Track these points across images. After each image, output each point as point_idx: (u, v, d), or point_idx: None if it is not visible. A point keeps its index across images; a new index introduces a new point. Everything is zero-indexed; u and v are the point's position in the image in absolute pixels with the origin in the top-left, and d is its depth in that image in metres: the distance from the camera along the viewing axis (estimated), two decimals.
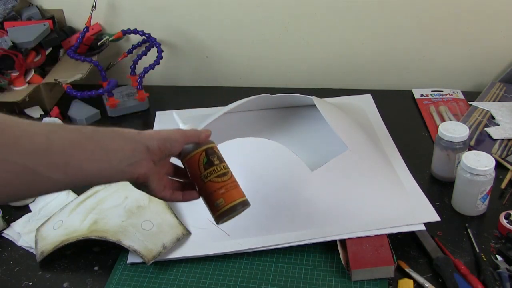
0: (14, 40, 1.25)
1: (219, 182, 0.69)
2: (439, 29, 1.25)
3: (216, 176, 0.69)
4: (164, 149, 0.66)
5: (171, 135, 0.67)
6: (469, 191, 0.88)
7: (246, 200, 0.71)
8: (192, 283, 0.82)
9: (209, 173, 0.69)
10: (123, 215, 0.87)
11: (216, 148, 0.72)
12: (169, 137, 0.67)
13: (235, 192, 0.70)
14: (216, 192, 0.69)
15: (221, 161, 0.71)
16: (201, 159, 0.70)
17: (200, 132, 0.71)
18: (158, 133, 0.66)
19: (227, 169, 0.71)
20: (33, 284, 0.84)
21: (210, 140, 0.73)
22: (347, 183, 0.90)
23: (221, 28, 1.32)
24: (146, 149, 0.63)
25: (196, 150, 0.70)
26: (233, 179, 0.71)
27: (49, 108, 1.27)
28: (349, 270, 0.80)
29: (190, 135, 0.70)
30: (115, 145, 0.61)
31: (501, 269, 0.79)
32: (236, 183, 0.71)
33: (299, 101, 1.14)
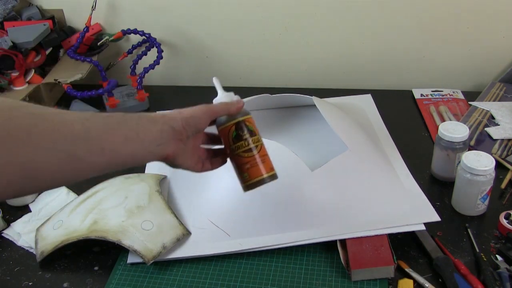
0: (14, 40, 1.25)
1: (245, 157, 0.71)
2: (439, 29, 1.25)
3: (243, 151, 0.71)
4: (189, 127, 0.68)
5: (194, 113, 0.69)
6: (469, 191, 0.88)
7: (270, 175, 0.72)
8: (192, 283, 0.82)
9: (237, 147, 0.71)
10: (123, 215, 0.87)
11: (249, 120, 0.73)
12: (192, 115, 0.69)
13: (261, 168, 0.71)
14: (242, 167, 0.71)
15: (251, 134, 0.72)
16: (230, 132, 0.71)
17: (230, 104, 0.72)
18: (181, 113, 0.68)
19: (256, 143, 0.72)
20: (33, 284, 0.84)
21: (245, 111, 0.73)
22: (347, 183, 0.90)
23: (221, 28, 1.32)
24: (172, 130, 0.66)
25: (226, 123, 0.72)
26: (261, 153, 0.72)
27: None
28: (349, 270, 0.80)
29: (217, 110, 0.71)
30: (143, 129, 0.64)
31: (501, 269, 0.79)
32: (263, 158, 0.72)
33: (299, 101, 1.14)
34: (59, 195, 1.01)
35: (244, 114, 0.73)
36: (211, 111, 0.71)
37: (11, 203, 1.00)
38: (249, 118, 0.73)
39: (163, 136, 0.65)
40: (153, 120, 0.66)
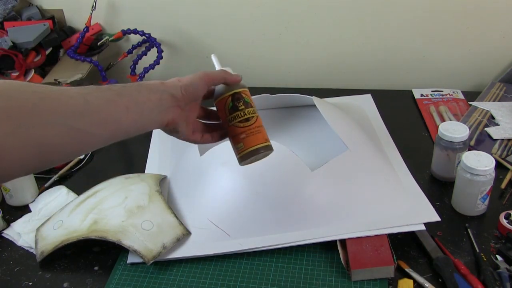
0: (14, 40, 1.25)
1: (241, 127, 0.71)
2: (439, 29, 1.25)
3: (238, 121, 0.71)
4: (188, 94, 0.69)
5: (193, 80, 0.70)
6: (469, 191, 0.88)
7: (265, 146, 0.72)
8: (192, 283, 0.82)
9: (233, 117, 0.72)
10: (123, 215, 0.87)
11: (245, 93, 0.73)
12: (191, 82, 0.70)
13: (255, 137, 0.72)
14: (238, 137, 0.72)
15: (246, 106, 0.72)
16: (227, 103, 0.72)
17: (227, 73, 0.73)
18: (180, 80, 0.70)
19: (251, 114, 0.72)
20: (33, 284, 0.84)
21: (242, 84, 0.74)
22: (347, 183, 0.90)
23: (221, 28, 1.32)
24: (171, 97, 0.68)
25: (223, 94, 0.72)
26: (256, 124, 0.72)
27: None
28: (349, 270, 0.80)
29: (215, 77, 0.72)
30: (143, 98, 0.65)
31: (501, 269, 0.79)
32: (258, 129, 0.72)
33: (299, 101, 1.14)
34: (59, 195, 1.01)
35: (241, 86, 0.74)
36: (209, 77, 0.71)
37: (11, 203, 1.00)
38: (245, 91, 0.74)
39: (162, 103, 0.67)
40: (152, 88, 0.67)
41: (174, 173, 1.02)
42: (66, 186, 1.03)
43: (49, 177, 1.05)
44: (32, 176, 1.00)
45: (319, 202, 0.87)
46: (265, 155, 0.73)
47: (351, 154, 0.92)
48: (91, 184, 0.98)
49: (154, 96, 0.66)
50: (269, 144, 0.73)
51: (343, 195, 0.88)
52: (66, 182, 1.05)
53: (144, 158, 1.09)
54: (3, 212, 0.96)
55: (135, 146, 1.16)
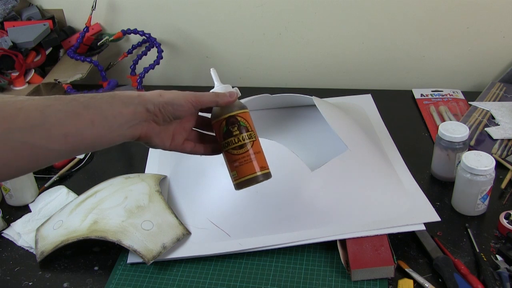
0: (14, 40, 1.25)
1: (234, 154, 0.68)
2: (439, 29, 1.25)
3: (232, 147, 0.68)
4: (166, 112, 0.65)
5: (175, 99, 0.66)
6: (469, 191, 0.88)
7: (259, 175, 0.68)
8: (192, 283, 0.82)
9: (227, 143, 0.68)
10: (123, 215, 0.87)
11: (242, 115, 0.69)
12: (172, 101, 0.65)
13: (249, 166, 0.68)
14: (231, 164, 0.69)
15: (241, 131, 0.68)
16: (221, 127, 0.69)
17: (220, 96, 0.69)
18: (161, 95, 0.65)
19: (246, 140, 0.68)
20: (33, 284, 0.84)
21: (240, 104, 0.70)
22: (347, 183, 0.90)
23: (221, 28, 1.32)
24: (146, 111, 0.64)
25: (218, 118, 0.69)
26: (252, 151, 0.68)
27: None
28: (349, 270, 0.80)
29: (204, 100, 0.68)
30: (114, 111, 0.61)
31: (501, 269, 0.79)
32: (253, 156, 0.68)
33: (299, 101, 1.14)
34: (59, 195, 1.01)
35: (239, 108, 0.69)
36: (197, 101, 0.67)
37: (11, 203, 1.00)
38: (243, 113, 0.69)
39: (136, 117, 0.63)
40: (127, 101, 0.63)
41: (174, 173, 1.02)
42: (66, 186, 1.03)
43: (49, 177, 1.05)
44: (32, 176, 1.00)
45: (319, 202, 0.87)
46: (261, 181, 0.70)
47: (351, 154, 0.92)
48: (91, 184, 0.98)
49: (127, 109, 0.62)
50: (266, 172, 0.69)
51: (343, 195, 0.88)
52: (66, 182, 1.05)
53: (144, 158, 1.09)
54: (3, 212, 0.96)
55: (135, 146, 1.16)
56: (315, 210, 0.87)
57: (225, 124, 0.68)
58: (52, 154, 0.58)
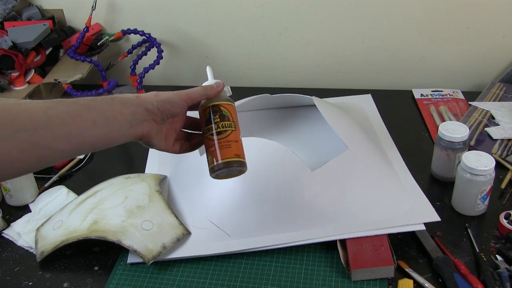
0: (14, 40, 1.25)
1: (211, 139, 0.70)
2: (439, 29, 1.25)
3: (210, 134, 0.70)
4: (164, 110, 0.69)
5: (170, 97, 0.70)
6: (469, 191, 0.88)
7: (233, 161, 0.69)
8: (192, 283, 0.82)
9: (207, 129, 0.71)
10: (123, 215, 0.87)
11: (226, 106, 0.72)
12: (169, 99, 0.69)
13: (224, 151, 0.69)
14: (208, 149, 0.71)
15: (222, 119, 0.70)
16: (205, 114, 0.72)
17: (208, 88, 0.73)
18: (158, 95, 0.69)
19: (225, 128, 0.70)
20: (33, 284, 0.84)
21: (226, 98, 0.73)
22: (347, 183, 0.90)
23: (221, 28, 1.33)
24: (146, 111, 0.67)
25: (203, 106, 0.72)
26: (229, 138, 0.70)
27: None
28: (349, 270, 0.80)
29: (195, 95, 0.72)
30: (114, 112, 0.64)
31: (501, 269, 0.79)
32: (229, 143, 0.70)
33: (299, 101, 1.14)
34: (59, 195, 1.01)
35: (224, 100, 0.72)
36: (189, 97, 0.71)
37: (11, 203, 1.00)
38: (226, 104, 0.72)
39: (136, 117, 0.66)
40: (126, 102, 0.66)
41: (174, 173, 1.02)
42: (66, 186, 1.03)
43: (49, 177, 1.05)
44: (32, 176, 1.00)
45: (319, 202, 0.87)
46: (236, 171, 0.71)
47: (351, 154, 0.92)
48: (91, 184, 0.98)
49: (126, 110, 0.65)
50: (239, 160, 0.70)
51: (343, 195, 0.88)
52: (66, 182, 1.05)
53: (144, 158, 1.09)
54: (3, 212, 0.96)
55: (135, 146, 1.15)
56: (315, 210, 0.87)
57: (208, 112, 0.71)
58: (56, 154, 0.60)
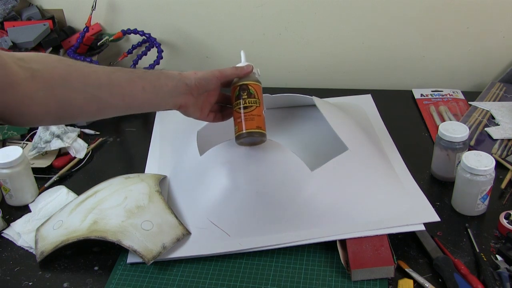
0: (14, 40, 1.25)
1: (239, 112, 0.85)
2: (439, 29, 1.25)
3: (238, 107, 0.84)
4: (200, 86, 0.84)
5: (206, 75, 0.85)
6: (469, 191, 0.88)
7: (255, 131, 0.84)
8: (192, 283, 0.82)
9: (236, 104, 0.85)
10: (123, 215, 0.87)
11: (253, 85, 0.86)
12: (205, 77, 0.84)
13: (248, 123, 0.83)
14: (236, 120, 0.85)
15: (249, 96, 0.84)
16: (235, 91, 0.86)
17: (239, 69, 0.88)
18: (196, 73, 0.84)
19: (251, 104, 0.84)
20: (33, 284, 0.84)
21: (255, 78, 0.88)
22: (347, 183, 0.90)
23: (221, 28, 1.32)
24: (185, 85, 0.82)
25: (234, 84, 0.87)
26: (253, 112, 0.84)
27: None
28: (349, 270, 0.80)
29: (227, 74, 0.87)
30: (160, 82, 0.81)
31: (501, 269, 0.79)
32: (252, 117, 0.84)
33: (299, 101, 1.14)
34: (59, 195, 1.01)
35: (252, 80, 0.87)
36: (222, 75, 0.86)
37: (11, 203, 1.00)
38: (254, 84, 0.86)
39: (177, 90, 0.81)
40: (170, 76, 0.82)
41: (174, 173, 1.02)
42: (66, 186, 1.03)
43: (49, 177, 1.05)
44: (32, 176, 1.00)
45: (319, 202, 0.87)
46: (257, 140, 0.85)
47: (351, 154, 0.92)
48: (91, 184, 0.98)
49: (171, 82, 0.81)
50: (260, 131, 0.84)
51: (343, 195, 0.88)
52: (66, 182, 1.05)
53: (144, 158, 1.09)
54: (3, 212, 0.96)
55: (135, 146, 1.16)
56: (315, 210, 0.87)
57: (238, 89, 0.86)
58: (112, 108, 0.78)
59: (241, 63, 0.91)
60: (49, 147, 1.09)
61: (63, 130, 1.12)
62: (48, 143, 1.10)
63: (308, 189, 0.88)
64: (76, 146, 1.12)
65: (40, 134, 1.11)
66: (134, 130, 1.21)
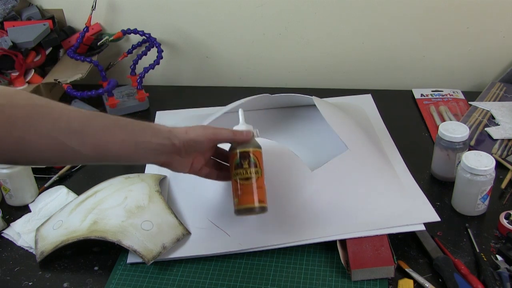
0: (14, 40, 1.25)
1: (240, 184, 0.78)
2: (439, 29, 1.25)
3: (239, 178, 0.78)
4: (189, 148, 0.76)
5: (197, 137, 0.76)
6: (469, 191, 0.88)
7: (255, 207, 0.77)
8: (192, 283, 0.82)
9: (236, 173, 0.78)
10: (123, 215, 0.87)
11: (254, 153, 0.79)
12: (195, 139, 0.76)
13: (249, 197, 0.77)
14: (236, 192, 0.78)
15: (250, 166, 0.77)
16: (235, 158, 0.78)
17: (236, 133, 0.80)
18: (187, 133, 0.76)
19: (252, 174, 0.77)
20: (33, 284, 0.84)
21: (255, 143, 0.80)
22: (347, 183, 0.90)
23: (221, 28, 1.32)
24: (172, 145, 0.74)
25: (234, 150, 0.79)
26: (255, 185, 0.77)
27: None
28: (349, 270, 0.80)
29: (222, 137, 0.79)
30: (144, 138, 0.72)
31: (501, 269, 0.79)
32: (254, 190, 0.77)
33: (299, 101, 1.14)
34: (59, 195, 1.01)
35: (254, 146, 0.79)
36: (216, 138, 0.78)
37: (11, 203, 1.00)
38: (255, 151, 0.79)
39: (161, 149, 0.73)
40: (157, 132, 0.74)
41: (174, 173, 1.01)
42: (66, 186, 1.03)
43: (49, 177, 1.05)
44: (32, 176, 1.00)
45: (319, 202, 0.87)
46: (258, 213, 0.79)
47: (351, 154, 0.92)
48: (91, 184, 0.98)
49: (156, 140, 0.73)
50: (262, 206, 0.78)
51: (343, 195, 0.88)
52: (66, 182, 1.05)
53: None
54: (3, 212, 0.96)
55: None
56: (315, 210, 0.87)
57: (238, 157, 0.78)
58: (79, 157, 0.69)
59: (239, 125, 0.83)
60: None
61: None
62: None
63: (308, 189, 0.88)
64: None
65: None
66: None
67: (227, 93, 1.30)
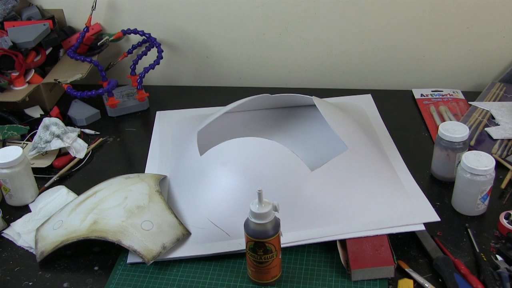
0: (14, 40, 1.25)
1: (254, 262, 0.79)
2: (439, 29, 1.25)
3: (253, 259, 0.79)
4: None
5: None
6: (469, 191, 0.88)
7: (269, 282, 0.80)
8: (192, 283, 0.82)
9: (250, 255, 0.79)
10: (123, 215, 0.87)
11: (270, 241, 0.77)
12: None
13: (262, 276, 0.80)
14: (249, 265, 0.80)
15: (265, 253, 0.77)
16: (249, 243, 0.78)
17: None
18: None
19: (267, 260, 0.78)
20: (33, 284, 0.84)
21: (273, 230, 0.77)
22: (347, 183, 0.90)
23: (221, 28, 1.32)
24: None
25: (249, 238, 0.78)
26: (268, 266, 0.79)
27: (49, 108, 1.27)
28: (349, 270, 0.80)
29: None
30: None
31: (501, 269, 0.79)
32: (268, 270, 0.79)
33: (299, 101, 1.14)
34: (59, 195, 1.01)
35: (270, 235, 0.77)
36: None
37: (11, 203, 1.00)
38: (273, 239, 0.77)
39: None
40: None
41: (174, 173, 1.02)
42: (66, 186, 1.03)
43: (49, 177, 1.05)
44: (32, 176, 1.00)
45: (319, 202, 0.87)
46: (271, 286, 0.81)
47: (351, 154, 0.92)
48: (91, 184, 0.98)
49: None
50: (274, 280, 0.81)
51: (343, 195, 0.88)
52: (66, 182, 1.05)
53: (144, 158, 1.09)
54: (3, 212, 0.96)
55: (135, 146, 1.16)
56: (315, 210, 0.87)
57: (253, 244, 0.77)
58: None
59: (256, 208, 0.78)
60: (49, 147, 1.09)
61: (63, 130, 1.12)
62: (48, 143, 1.10)
63: (308, 189, 0.88)
64: (76, 146, 1.12)
65: (40, 134, 1.11)
66: (134, 130, 1.21)
67: (227, 93, 1.30)
